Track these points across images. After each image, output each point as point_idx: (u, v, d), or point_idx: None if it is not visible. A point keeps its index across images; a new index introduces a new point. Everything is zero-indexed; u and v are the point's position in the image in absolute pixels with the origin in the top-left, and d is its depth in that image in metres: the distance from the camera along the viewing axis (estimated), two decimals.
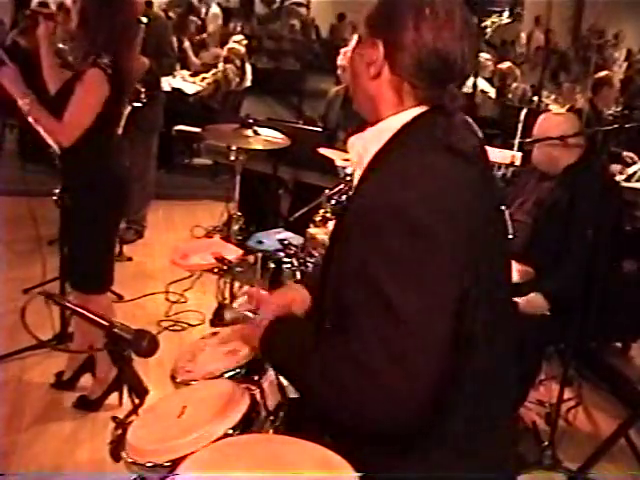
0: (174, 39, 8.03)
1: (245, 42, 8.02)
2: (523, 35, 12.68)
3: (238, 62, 7.37)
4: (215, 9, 11.67)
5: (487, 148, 1.42)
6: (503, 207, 1.45)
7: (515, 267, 2.43)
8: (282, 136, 3.85)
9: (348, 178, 3.29)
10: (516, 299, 2.70)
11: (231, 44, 7.79)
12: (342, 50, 4.76)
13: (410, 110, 1.29)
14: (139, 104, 3.95)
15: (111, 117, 2.84)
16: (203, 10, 11.95)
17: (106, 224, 2.94)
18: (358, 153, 1.35)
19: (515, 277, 2.34)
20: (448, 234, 1.15)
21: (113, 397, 2.99)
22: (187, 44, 8.56)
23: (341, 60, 4.62)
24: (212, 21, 11.25)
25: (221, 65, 7.35)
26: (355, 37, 1.38)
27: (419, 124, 1.28)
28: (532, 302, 2.78)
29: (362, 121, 1.40)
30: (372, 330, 1.14)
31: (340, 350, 1.19)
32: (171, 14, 8.24)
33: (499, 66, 7.38)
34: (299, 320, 1.49)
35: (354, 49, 1.36)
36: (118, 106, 2.83)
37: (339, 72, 4.69)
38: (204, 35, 10.13)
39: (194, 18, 10.75)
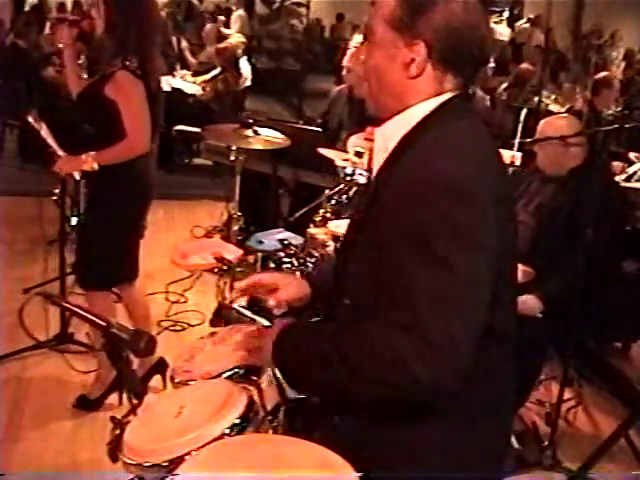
0: (174, 39, 8.05)
1: (241, 40, 8.00)
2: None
3: (231, 59, 7.34)
4: (240, 11, 11.59)
5: None
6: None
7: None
8: (282, 136, 3.85)
9: (348, 178, 3.28)
10: None
11: (225, 42, 7.79)
12: (348, 51, 4.74)
13: (439, 97, 1.31)
14: None
15: None
16: (234, 9, 11.88)
17: (131, 222, 2.98)
18: (383, 138, 1.36)
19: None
20: (489, 204, 1.20)
21: (113, 397, 2.99)
22: (185, 44, 8.56)
23: (346, 61, 4.58)
24: (236, 22, 11.16)
25: (219, 68, 7.34)
26: (357, 37, 1.38)
27: (447, 109, 1.30)
28: (525, 303, 2.77)
29: (364, 121, 1.41)
30: (427, 289, 1.15)
31: (389, 319, 1.18)
32: (172, 14, 8.24)
33: (520, 66, 7.36)
34: (310, 324, 1.49)
35: (372, 51, 1.33)
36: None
37: (343, 73, 4.65)
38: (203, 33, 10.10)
39: (222, 18, 10.71)
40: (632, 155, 4.75)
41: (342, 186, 3.35)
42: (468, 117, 1.32)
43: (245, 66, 7.81)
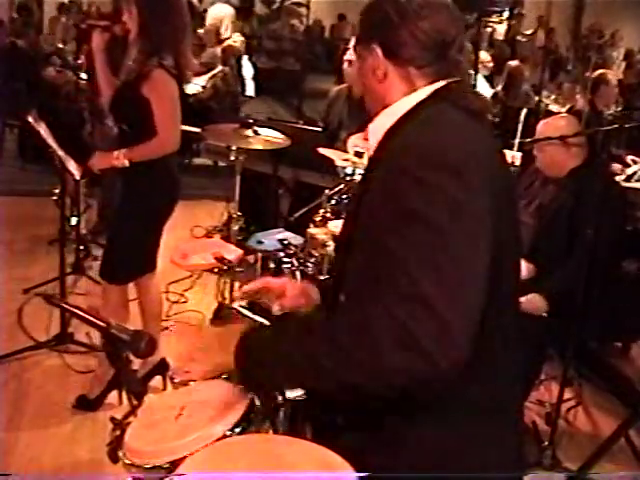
0: None
1: (241, 39, 7.99)
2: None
3: (233, 60, 7.35)
4: (215, 7, 11.46)
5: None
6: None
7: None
8: (282, 136, 3.85)
9: (348, 178, 3.29)
10: None
11: (228, 42, 7.79)
12: (350, 44, 4.71)
13: (424, 88, 1.34)
14: None
15: None
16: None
17: (161, 218, 3.01)
18: (373, 133, 1.40)
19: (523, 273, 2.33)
20: (475, 179, 1.18)
21: (113, 396, 2.99)
22: None
23: (349, 55, 4.56)
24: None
25: (219, 67, 7.33)
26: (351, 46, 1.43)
27: (434, 99, 1.32)
28: (532, 302, 2.78)
29: (364, 120, 1.42)
30: (421, 260, 1.10)
31: (391, 300, 1.10)
32: None
33: (510, 64, 7.34)
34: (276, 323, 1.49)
35: (358, 66, 1.43)
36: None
37: (345, 66, 4.62)
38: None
39: None
40: (629, 158, 4.74)
41: (342, 186, 3.36)
42: (457, 106, 1.31)
43: (248, 68, 7.78)
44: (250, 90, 7.83)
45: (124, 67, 2.89)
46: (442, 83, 1.33)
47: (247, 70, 7.77)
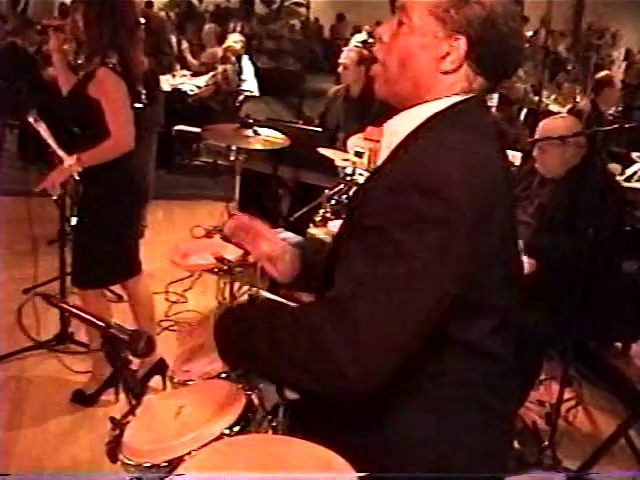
0: (173, 38, 8.06)
1: (240, 39, 7.99)
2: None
3: (234, 60, 7.35)
4: None
5: None
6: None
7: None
8: (282, 136, 3.85)
9: (348, 178, 3.29)
10: None
11: (228, 42, 7.79)
12: (345, 49, 4.77)
13: (452, 97, 1.26)
14: (140, 105, 3.95)
15: None
16: None
17: (124, 223, 2.97)
18: (389, 133, 1.31)
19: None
20: (471, 218, 1.12)
21: (111, 393, 2.99)
22: (185, 45, 8.56)
23: (343, 58, 4.61)
24: None
25: (220, 67, 7.34)
26: (357, 37, 1.34)
27: (458, 111, 1.25)
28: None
29: (362, 121, 1.39)
30: (370, 277, 1.10)
31: (324, 303, 1.17)
32: (171, 14, 8.22)
33: None
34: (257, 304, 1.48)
35: (403, 33, 1.25)
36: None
37: (340, 70, 4.68)
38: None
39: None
40: (635, 155, 4.75)
41: (342, 186, 3.35)
42: (477, 125, 1.26)
43: (248, 68, 7.77)
44: (253, 88, 7.82)
45: (76, 67, 2.88)
46: (465, 96, 1.26)
47: (247, 70, 7.77)
